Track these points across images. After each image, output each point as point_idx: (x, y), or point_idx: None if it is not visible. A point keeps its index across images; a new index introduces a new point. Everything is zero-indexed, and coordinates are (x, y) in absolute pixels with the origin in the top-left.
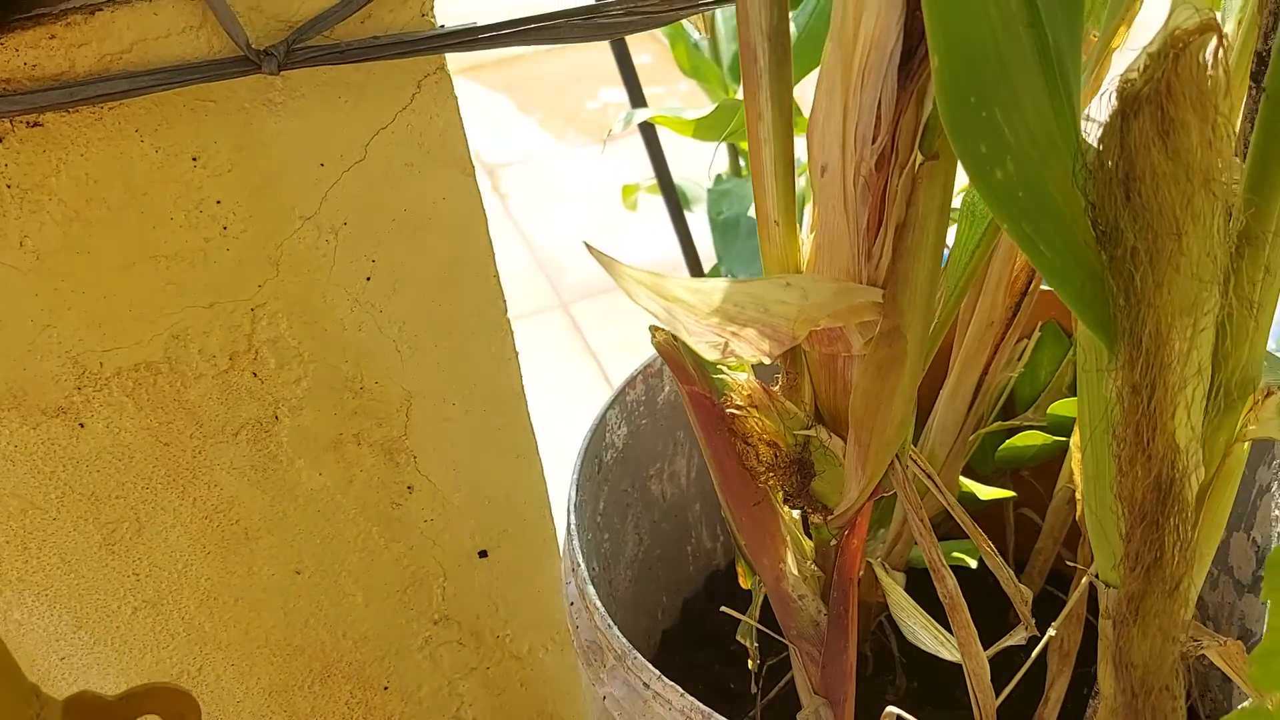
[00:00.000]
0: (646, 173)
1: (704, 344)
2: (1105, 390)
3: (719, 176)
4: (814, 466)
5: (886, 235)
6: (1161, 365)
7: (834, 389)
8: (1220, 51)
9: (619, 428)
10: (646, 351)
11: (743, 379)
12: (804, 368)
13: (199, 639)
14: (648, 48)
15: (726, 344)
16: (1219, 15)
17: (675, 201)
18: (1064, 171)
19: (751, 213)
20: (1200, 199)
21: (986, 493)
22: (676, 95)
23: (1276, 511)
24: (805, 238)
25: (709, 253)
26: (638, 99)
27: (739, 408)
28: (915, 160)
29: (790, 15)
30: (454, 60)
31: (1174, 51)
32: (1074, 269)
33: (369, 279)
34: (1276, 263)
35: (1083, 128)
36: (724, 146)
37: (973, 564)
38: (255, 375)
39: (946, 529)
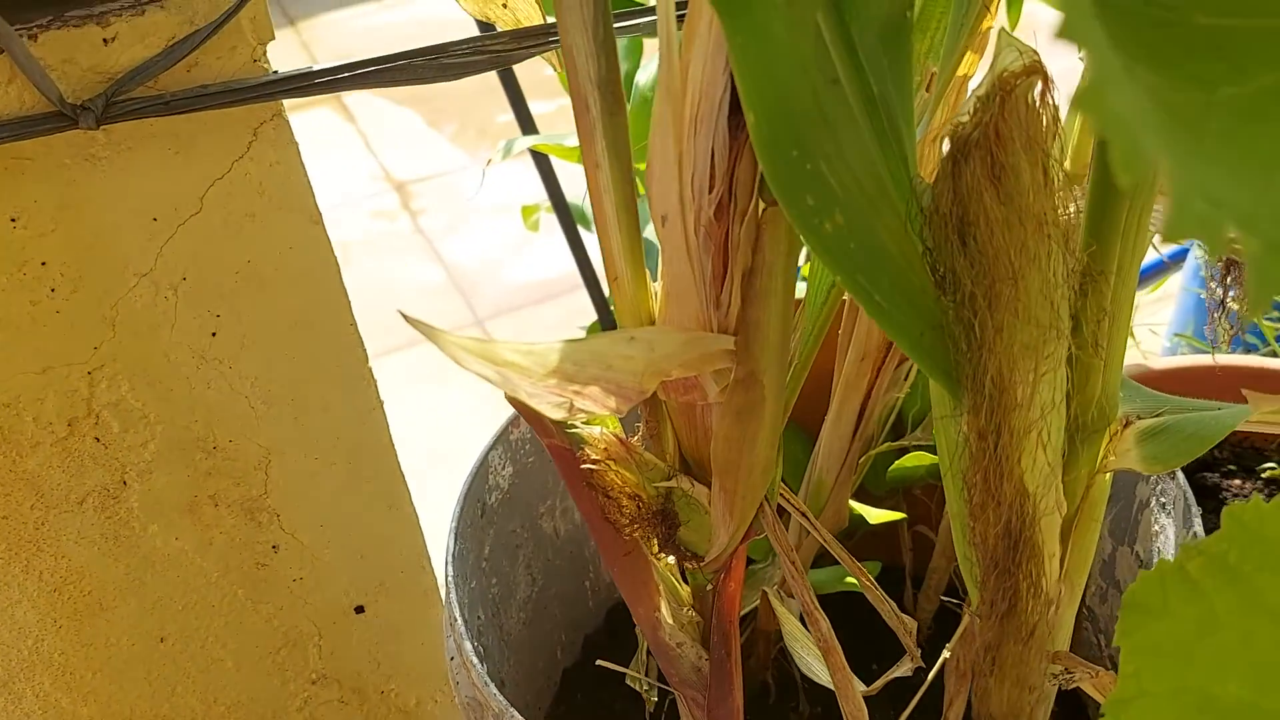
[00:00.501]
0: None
1: (547, 405)
2: (956, 435)
3: None
4: (678, 516)
5: (733, 282)
6: (1006, 410)
7: (695, 436)
8: (1047, 94)
9: (503, 468)
10: None
11: (598, 432)
12: (664, 416)
13: (57, 717)
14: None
15: (571, 403)
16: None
17: (570, 222)
18: (897, 220)
19: (649, 233)
20: (1034, 242)
21: (876, 515)
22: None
23: (1156, 527)
24: (657, 287)
25: None
26: (526, 123)
27: (596, 462)
28: (758, 207)
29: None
30: None
31: (1001, 94)
32: (912, 318)
33: (214, 335)
34: (1120, 301)
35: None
36: None
37: (870, 582)
38: (98, 440)
39: (847, 549)
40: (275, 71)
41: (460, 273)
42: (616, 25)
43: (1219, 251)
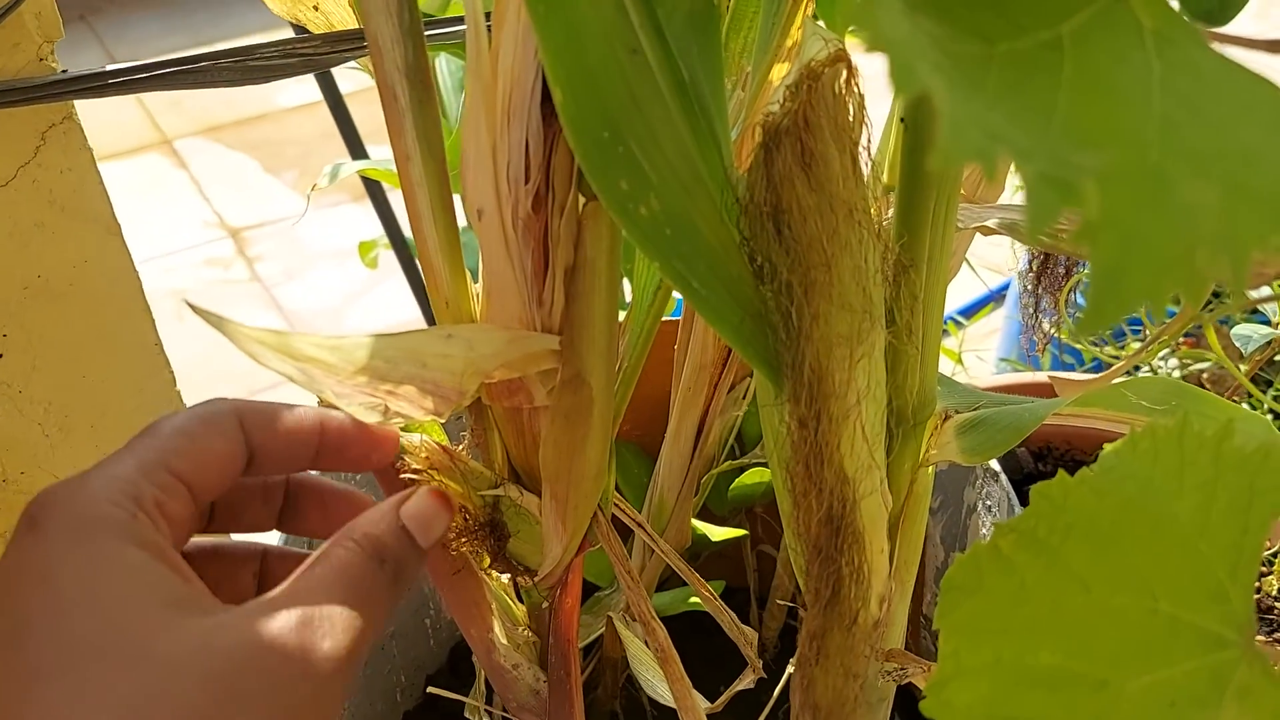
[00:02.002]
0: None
1: (358, 406)
2: (778, 424)
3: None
4: (508, 528)
5: (555, 279)
6: (824, 397)
7: (523, 443)
8: (853, 83)
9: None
10: None
11: (418, 440)
12: (491, 422)
13: None
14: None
15: (385, 405)
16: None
17: (409, 259)
18: (712, 207)
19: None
20: (846, 230)
21: (719, 533)
22: None
23: (984, 530)
24: (477, 287)
25: None
26: (356, 148)
27: (418, 472)
28: (577, 201)
29: None
30: (192, 122)
31: (808, 83)
32: (730, 306)
33: (1, 356)
34: (932, 291)
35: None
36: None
37: (710, 593)
38: None
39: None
40: (64, 71)
41: (299, 320)
42: (430, 32)
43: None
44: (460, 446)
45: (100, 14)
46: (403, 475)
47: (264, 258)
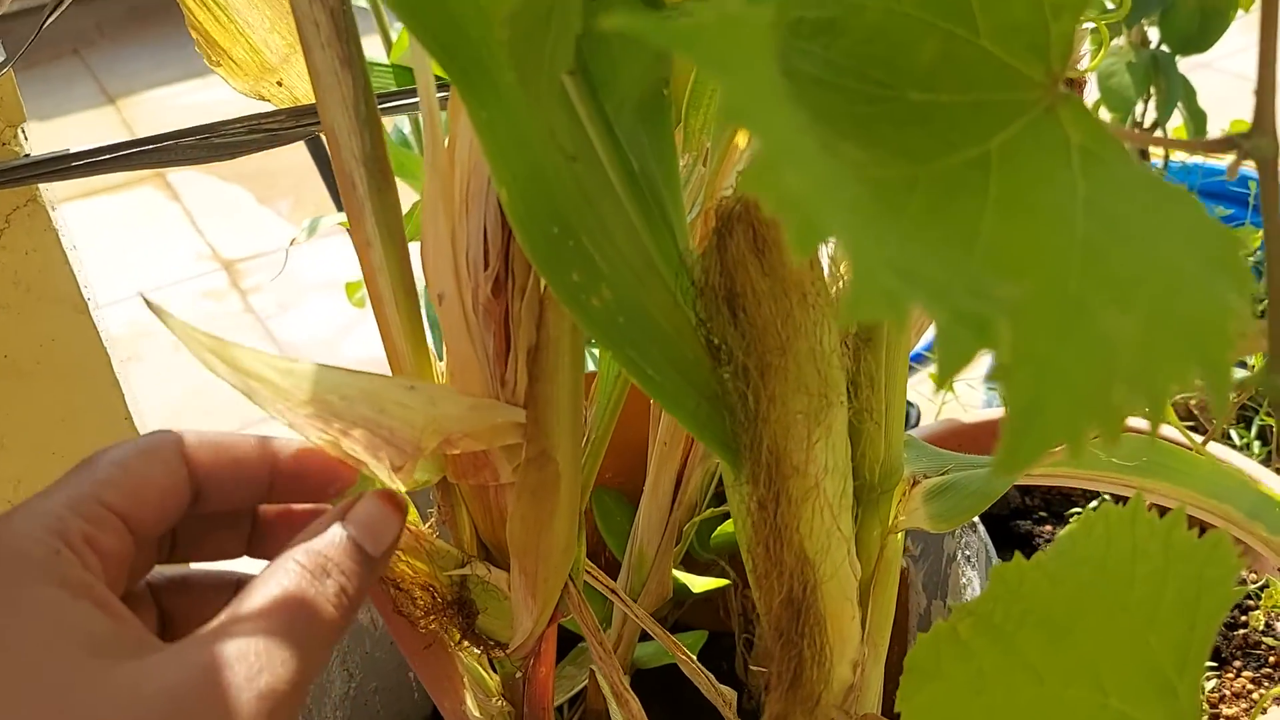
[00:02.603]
0: None
1: (312, 431)
2: (739, 505)
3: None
4: (476, 605)
5: (518, 359)
6: (783, 478)
7: (491, 519)
8: None
9: None
10: None
11: None
12: (458, 499)
13: None
14: None
15: (338, 442)
16: None
17: None
18: (666, 293)
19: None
20: (800, 313)
21: (700, 584)
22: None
23: (963, 580)
24: (442, 367)
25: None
26: (339, 199)
27: None
28: (539, 283)
29: None
30: None
31: None
32: (686, 391)
33: None
34: (893, 366)
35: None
36: None
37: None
38: None
39: (677, 616)
40: (28, 155)
41: (294, 351)
42: (387, 104)
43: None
44: (428, 523)
45: (93, 47)
46: None
47: (258, 289)
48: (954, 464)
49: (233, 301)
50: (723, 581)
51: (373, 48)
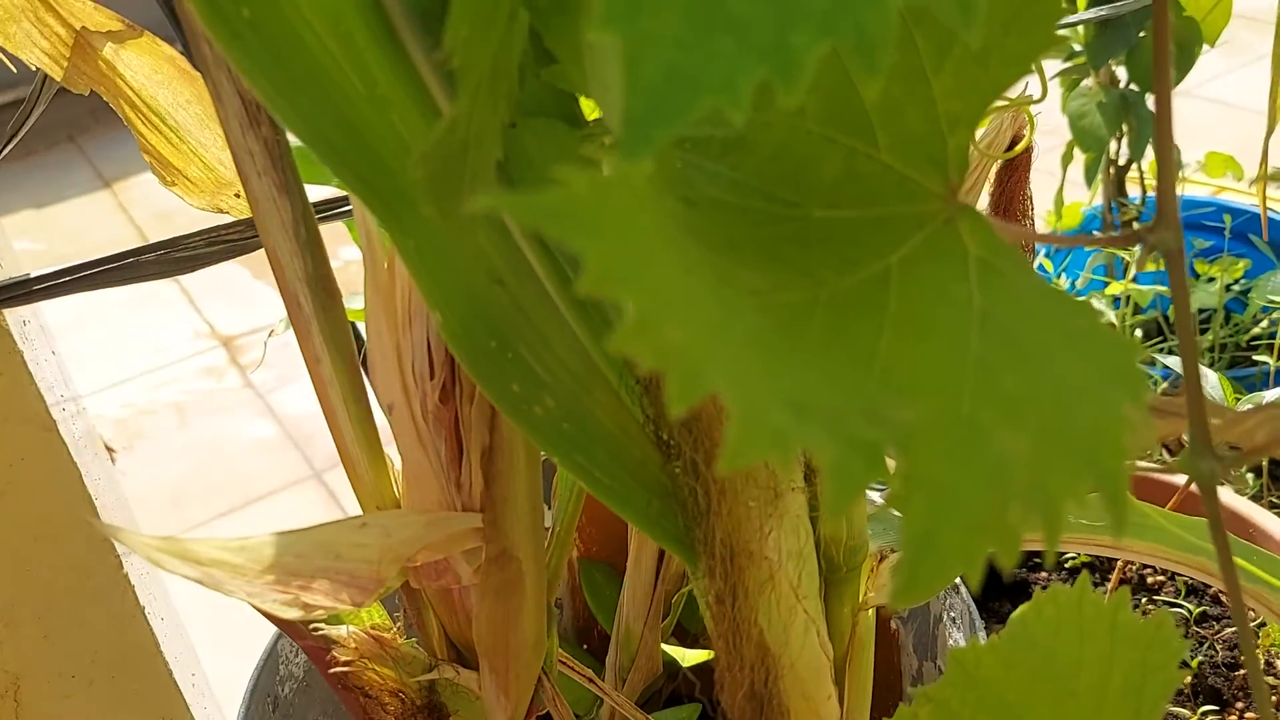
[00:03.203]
0: None
1: (273, 603)
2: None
3: None
4: (446, 708)
5: (472, 463)
6: (739, 570)
7: (457, 620)
8: None
9: (296, 655)
10: None
11: (345, 631)
12: (425, 602)
13: None
14: None
15: (299, 599)
16: None
17: None
18: (611, 396)
19: None
20: None
21: (690, 657)
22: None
23: (950, 641)
24: (399, 471)
25: None
26: None
27: (349, 662)
28: None
29: None
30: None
31: None
32: (636, 491)
33: None
34: None
35: None
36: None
37: None
38: None
39: (672, 688)
40: None
41: (294, 425)
42: (326, 213)
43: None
44: (396, 626)
45: (87, 133)
46: (332, 670)
47: (257, 364)
48: None
49: (232, 378)
50: (711, 653)
51: None
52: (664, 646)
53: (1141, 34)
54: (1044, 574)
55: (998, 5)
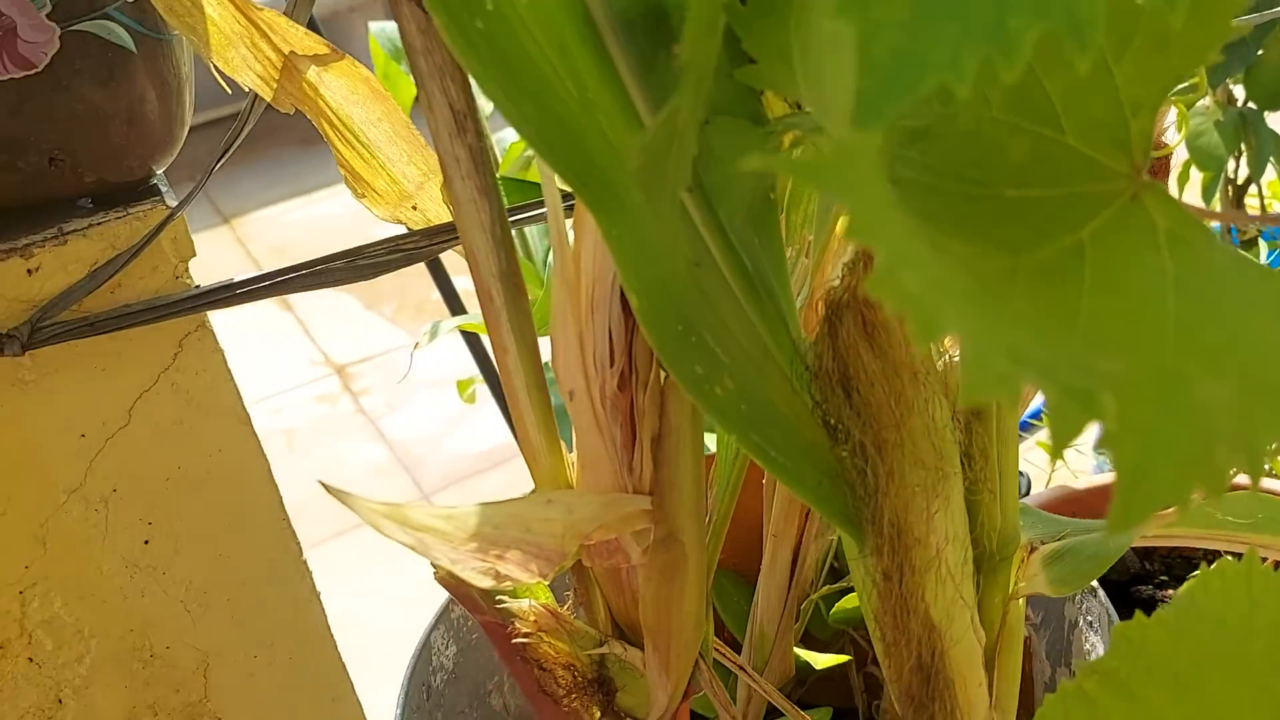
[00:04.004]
0: None
1: (471, 571)
2: (864, 577)
3: (544, 365)
4: (615, 682)
5: (643, 448)
6: (906, 549)
7: (624, 599)
8: None
9: (447, 648)
10: None
11: (527, 605)
12: (592, 582)
13: None
14: None
15: (495, 569)
16: None
17: (503, 394)
18: (783, 380)
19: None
20: (911, 391)
21: (822, 661)
22: None
23: (1087, 645)
24: (573, 456)
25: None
26: (453, 302)
27: (528, 635)
28: (659, 375)
29: None
30: None
31: (864, 260)
32: (807, 470)
33: (147, 542)
34: (1004, 435)
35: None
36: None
37: None
38: (32, 660)
39: (800, 694)
40: (198, 286)
41: (403, 449)
42: (515, 217)
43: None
44: (565, 606)
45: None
46: (514, 640)
47: (368, 391)
48: (1070, 529)
49: (345, 404)
50: (844, 658)
51: None
52: (795, 650)
53: (1260, 51)
54: (1169, 591)
55: None
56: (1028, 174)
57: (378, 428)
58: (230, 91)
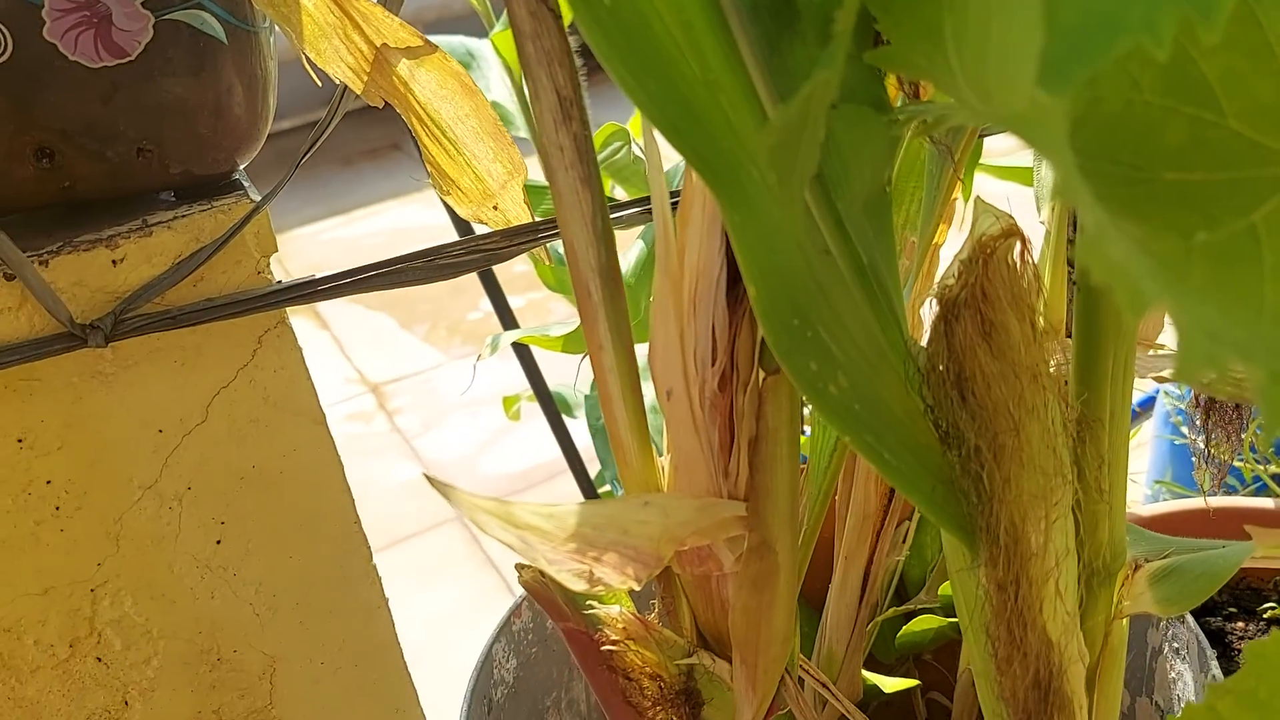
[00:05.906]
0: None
1: (566, 573)
2: (975, 588)
3: (594, 383)
4: (701, 695)
5: (740, 451)
6: (1023, 560)
7: (712, 610)
8: (1026, 253)
9: (507, 661)
10: None
11: (616, 611)
12: (679, 590)
13: None
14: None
15: (591, 571)
16: (1035, 202)
17: (554, 410)
18: (897, 380)
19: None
20: (1031, 393)
21: (890, 684)
22: (557, 299)
23: (1172, 674)
24: (664, 460)
25: (593, 453)
26: (507, 319)
27: (615, 642)
28: (758, 376)
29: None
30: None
31: (983, 257)
32: (921, 474)
33: (219, 542)
34: (1116, 445)
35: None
36: None
37: None
38: (100, 660)
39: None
40: (279, 281)
41: (438, 468)
42: (614, 217)
43: (1223, 386)
44: (650, 615)
45: None
46: (603, 647)
47: (403, 410)
48: (1174, 547)
49: (380, 422)
50: (912, 682)
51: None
52: (863, 672)
53: None
54: (1240, 624)
55: None
56: (1187, 157)
57: (412, 447)
58: (320, 84)
